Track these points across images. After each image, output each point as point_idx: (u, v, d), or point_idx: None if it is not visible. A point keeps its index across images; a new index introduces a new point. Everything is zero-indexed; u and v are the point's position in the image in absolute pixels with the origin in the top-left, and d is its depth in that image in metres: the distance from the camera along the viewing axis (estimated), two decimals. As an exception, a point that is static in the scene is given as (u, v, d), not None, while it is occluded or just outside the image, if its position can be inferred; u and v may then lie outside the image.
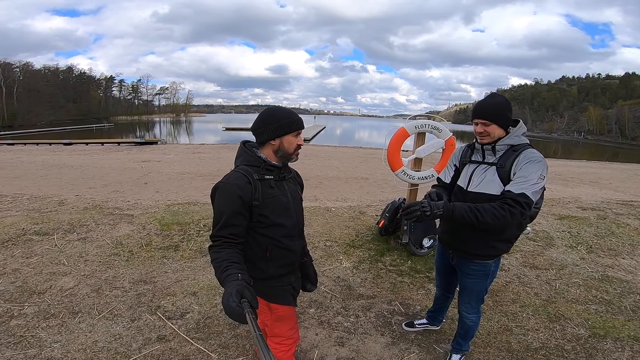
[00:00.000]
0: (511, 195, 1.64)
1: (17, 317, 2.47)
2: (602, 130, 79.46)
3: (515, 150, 1.76)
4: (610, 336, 2.52)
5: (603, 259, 3.87)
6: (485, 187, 1.80)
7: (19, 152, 16.10)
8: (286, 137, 1.57)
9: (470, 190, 1.85)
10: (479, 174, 1.84)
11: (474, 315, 2.08)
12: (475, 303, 2.05)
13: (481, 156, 1.87)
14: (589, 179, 11.83)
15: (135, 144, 21.89)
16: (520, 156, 1.72)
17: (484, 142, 1.81)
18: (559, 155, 29.72)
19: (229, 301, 1.15)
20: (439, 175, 2.15)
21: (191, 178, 9.20)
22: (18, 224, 4.18)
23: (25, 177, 8.97)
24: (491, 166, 1.80)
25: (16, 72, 64.59)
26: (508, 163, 1.74)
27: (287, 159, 1.61)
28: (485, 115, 1.77)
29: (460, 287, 2.08)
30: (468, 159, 1.94)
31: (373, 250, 3.86)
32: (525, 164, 1.69)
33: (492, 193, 1.76)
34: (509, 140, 1.78)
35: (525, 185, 1.65)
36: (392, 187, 7.61)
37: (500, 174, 1.76)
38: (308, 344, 2.36)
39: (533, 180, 1.66)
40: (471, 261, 1.92)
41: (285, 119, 1.57)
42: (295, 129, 1.58)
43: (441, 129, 3.58)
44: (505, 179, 1.74)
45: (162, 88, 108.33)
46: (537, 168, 1.68)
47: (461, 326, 2.16)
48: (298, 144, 1.61)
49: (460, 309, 2.11)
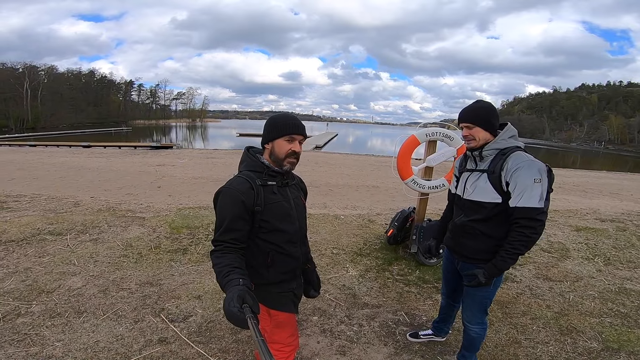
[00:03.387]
0: (520, 215, 1.65)
1: (24, 315, 2.52)
2: (624, 139, 77.13)
3: (504, 154, 1.74)
4: (625, 350, 2.42)
5: (621, 271, 3.72)
6: (477, 195, 1.81)
7: (40, 154, 16.62)
8: (277, 141, 1.55)
9: (465, 198, 1.88)
10: (472, 182, 1.85)
11: (477, 326, 2.02)
12: (478, 312, 2.00)
13: (474, 163, 1.88)
14: (609, 191, 11.45)
15: (150, 148, 22.34)
16: (509, 161, 1.69)
17: (471, 146, 1.82)
18: (577, 165, 28.91)
19: (230, 306, 1.15)
20: (450, 187, 2.20)
21: (203, 183, 9.30)
22: (34, 224, 4.28)
23: (45, 178, 9.24)
24: (483, 173, 1.80)
25: (41, 75, 66.72)
26: (497, 168, 1.73)
27: (280, 164, 1.57)
28: (468, 118, 1.81)
29: (464, 293, 2.04)
30: (464, 167, 1.96)
31: (380, 259, 3.81)
32: (515, 172, 1.66)
33: (483, 201, 1.78)
34: (496, 145, 1.77)
35: (526, 196, 1.64)
36: (403, 196, 7.52)
37: (492, 180, 1.75)
38: (309, 352, 2.33)
39: (530, 188, 1.63)
40: (475, 265, 1.88)
41: (279, 122, 1.56)
42: (286, 133, 1.54)
43: (453, 137, 3.53)
44: (497, 185, 1.73)
45: (179, 93, 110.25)
46: (529, 173, 1.64)
47: (465, 337, 2.11)
48: (292, 150, 1.55)
49: (463, 317, 2.08)
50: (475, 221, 1.83)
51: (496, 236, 1.79)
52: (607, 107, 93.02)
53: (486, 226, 1.80)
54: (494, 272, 1.76)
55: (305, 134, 1.61)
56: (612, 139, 79.57)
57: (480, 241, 1.83)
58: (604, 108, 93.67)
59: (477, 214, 1.82)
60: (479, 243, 1.84)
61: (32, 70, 64.06)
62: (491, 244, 1.81)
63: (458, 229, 1.93)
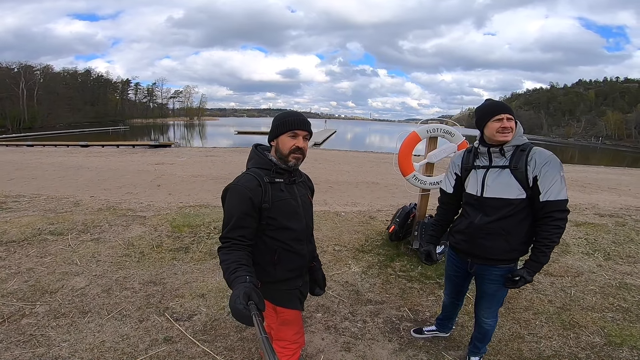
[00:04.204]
0: (553, 208, 1.69)
1: (28, 315, 2.52)
2: (622, 135, 77.26)
3: (523, 150, 1.75)
4: (627, 344, 2.43)
5: (621, 266, 3.74)
6: (502, 192, 1.77)
7: (38, 154, 16.56)
8: (281, 137, 1.56)
9: (486, 196, 1.81)
10: (493, 179, 1.80)
11: (493, 319, 2.05)
12: (496, 308, 2.03)
13: (487, 160, 1.83)
14: (608, 186, 11.50)
15: (149, 146, 22.31)
16: (535, 157, 1.72)
17: (507, 140, 1.77)
18: (576, 160, 29.00)
19: (236, 303, 1.16)
20: (441, 186, 2.15)
21: (203, 181, 9.30)
22: (34, 224, 4.27)
23: (43, 178, 9.22)
24: (503, 169, 1.78)
25: (37, 74, 66.38)
26: (521, 164, 1.73)
27: (285, 160, 1.57)
28: (509, 110, 1.78)
29: (481, 293, 2.02)
30: (471, 164, 1.90)
31: (382, 256, 3.82)
32: (544, 167, 1.69)
33: (509, 197, 1.75)
34: (514, 141, 1.78)
35: (557, 190, 1.68)
36: (403, 192, 7.53)
37: (517, 175, 1.74)
38: (314, 349, 2.34)
39: (559, 182, 1.69)
40: (494, 267, 1.88)
41: (282, 119, 1.57)
42: (289, 129, 1.54)
43: (454, 133, 3.53)
44: (522, 181, 1.73)
45: (176, 91, 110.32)
46: (557, 168, 1.71)
47: (478, 330, 2.12)
48: (295, 146, 1.55)
49: (479, 314, 2.07)
50: (500, 220, 1.78)
51: (520, 233, 1.79)
52: (604, 103, 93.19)
53: (511, 224, 1.78)
54: (537, 268, 1.78)
55: (310, 130, 1.60)
56: (610, 134, 79.71)
57: (502, 240, 1.80)
58: (601, 104, 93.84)
59: (501, 212, 1.78)
60: (501, 242, 1.80)
61: (28, 69, 63.71)
62: (515, 242, 1.80)
63: (477, 230, 1.85)
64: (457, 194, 2.03)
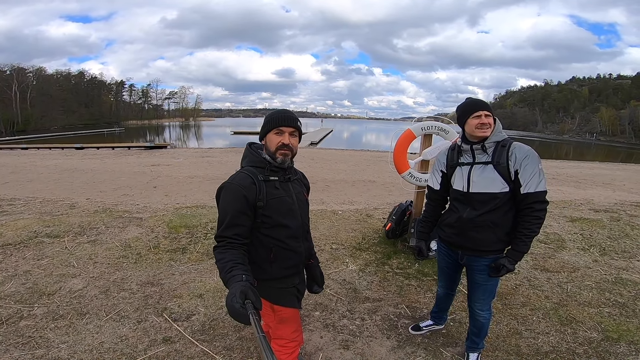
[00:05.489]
0: (533, 199, 1.78)
1: (27, 318, 2.51)
2: (615, 131, 77.79)
3: (504, 146, 1.84)
4: (624, 339, 2.45)
5: (617, 261, 3.78)
6: (487, 187, 1.86)
7: (33, 157, 16.44)
8: (268, 135, 1.59)
9: (472, 192, 1.90)
10: (478, 174, 1.89)
11: (487, 312, 2.10)
12: (489, 299, 2.08)
13: (471, 156, 1.92)
14: (602, 181, 11.60)
15: (145, 148, 22.17)
16: (515, 151, 1.81)
17: (486, 135, 1.86)
18: (570, 157, 29.16)
19: (232, 302, 1.16)
20: (428, 184, 2.24)
21: (199, 181, 9.27)
22: (30, 227, 4.25)
23: (38, 181, 9.15)
24: (487, 165, 1.86)
25: (29, 77, 65.70)
26: (503, 159, 1.82)
27: (273, 158, 1.58)
28: (487, 107, 1.87)
29: (472, 284, 2.08)
30: (456, 161, 1.98)
31: (380, 253, 3.83)
32: (524, 160, 1.78)
33: (494, 191, 1.85)
34: (494, 137, 1.86)
35: (536, 182, 1.77)
36: (400, 190, 7.56)
37: (500, 170, 1.83)
38: (312, 347, 2.35)
39: (538, 174, 1.78)
40: (483, 257, 1.95)
41: (267, 117, 1.60)
42: (274, 126, 1.56)
43: (448, 131, 3.55)
44: (505, 175, 1.82)
45: (171, 92, 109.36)
46: (536, 161, 1.80)
47: (474, 324, 2.15)
48: (282, 142, 1.56)
49: (472, 307, 2.11)
50: (487, 213, 1.87)
51: (505, 224, 1.88)
52: (597, 100, 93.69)
53: (497, 216, 1.87)
54: (518, 257, 1.86)
55: (296, 126, 1.59)
56: (604, 130, 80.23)
57: (490, 232, 1.88)
58: (595, 100, 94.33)
59: (488, 205, 1.86)
60: (489, 234, 1.89)
61: (20, 72, 63.09)
62: (501, 233, 1.89)
63: (466, 224, 1.93)
64: (444, 191, 2.12)
